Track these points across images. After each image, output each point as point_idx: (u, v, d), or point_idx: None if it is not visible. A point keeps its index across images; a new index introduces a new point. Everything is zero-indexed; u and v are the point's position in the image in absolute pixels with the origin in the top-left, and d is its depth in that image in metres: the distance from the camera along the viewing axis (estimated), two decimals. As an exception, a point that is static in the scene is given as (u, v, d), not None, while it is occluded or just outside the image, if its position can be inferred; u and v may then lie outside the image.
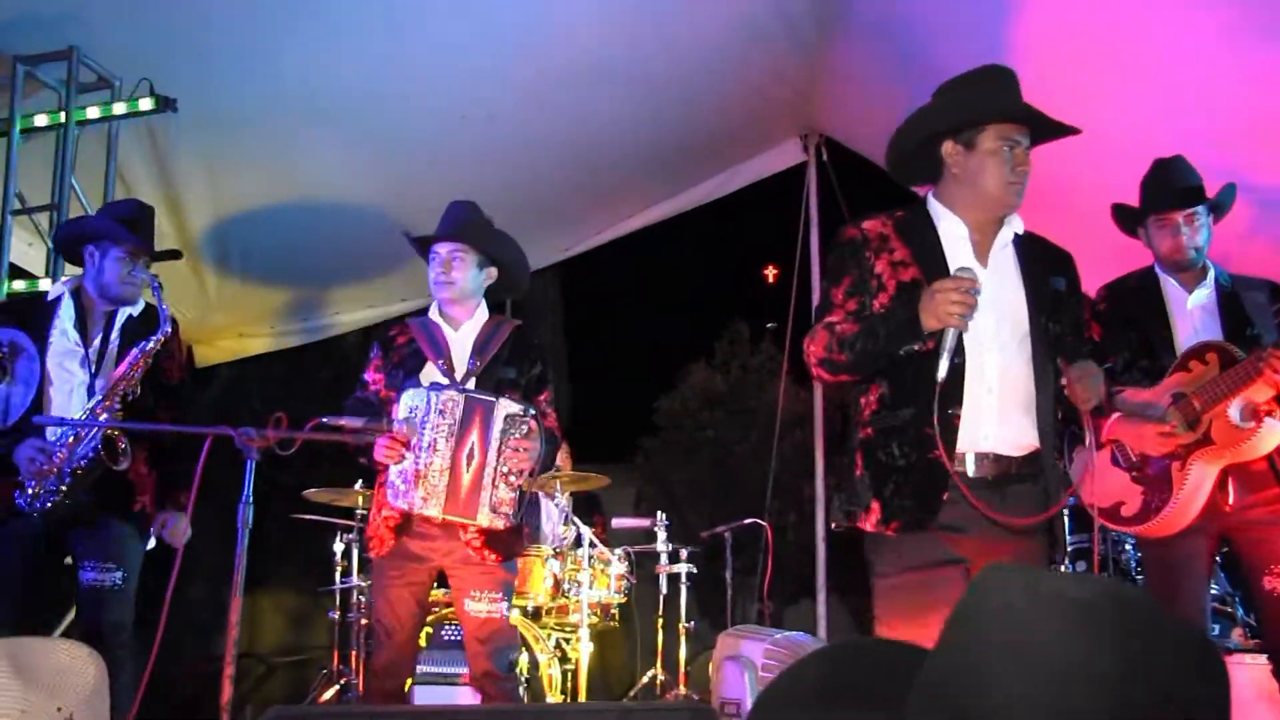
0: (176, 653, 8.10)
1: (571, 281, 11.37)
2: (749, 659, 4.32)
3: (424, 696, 4.88)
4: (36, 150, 5.16)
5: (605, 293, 12.28)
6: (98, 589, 3.76)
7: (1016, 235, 2.92)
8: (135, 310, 3.97)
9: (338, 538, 6.00)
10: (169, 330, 3.87)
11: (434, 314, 3.77)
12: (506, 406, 3.48)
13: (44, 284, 5.10)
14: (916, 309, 2.66)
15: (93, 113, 5.10)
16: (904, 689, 1.18)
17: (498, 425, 3.46)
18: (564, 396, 11.09)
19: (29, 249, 5.63)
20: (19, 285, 5.27)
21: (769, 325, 11.35)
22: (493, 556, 3.56)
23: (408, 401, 3.48)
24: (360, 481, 5.68)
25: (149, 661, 3.51)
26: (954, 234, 2.89)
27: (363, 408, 3.63)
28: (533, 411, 3.53)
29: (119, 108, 5.07)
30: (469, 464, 3.44)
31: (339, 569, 5.98)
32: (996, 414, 2.79)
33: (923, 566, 2.72)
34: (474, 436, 3.45)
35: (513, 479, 3.49)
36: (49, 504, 3.70)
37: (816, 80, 6.20)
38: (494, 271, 3.79)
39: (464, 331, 3.73)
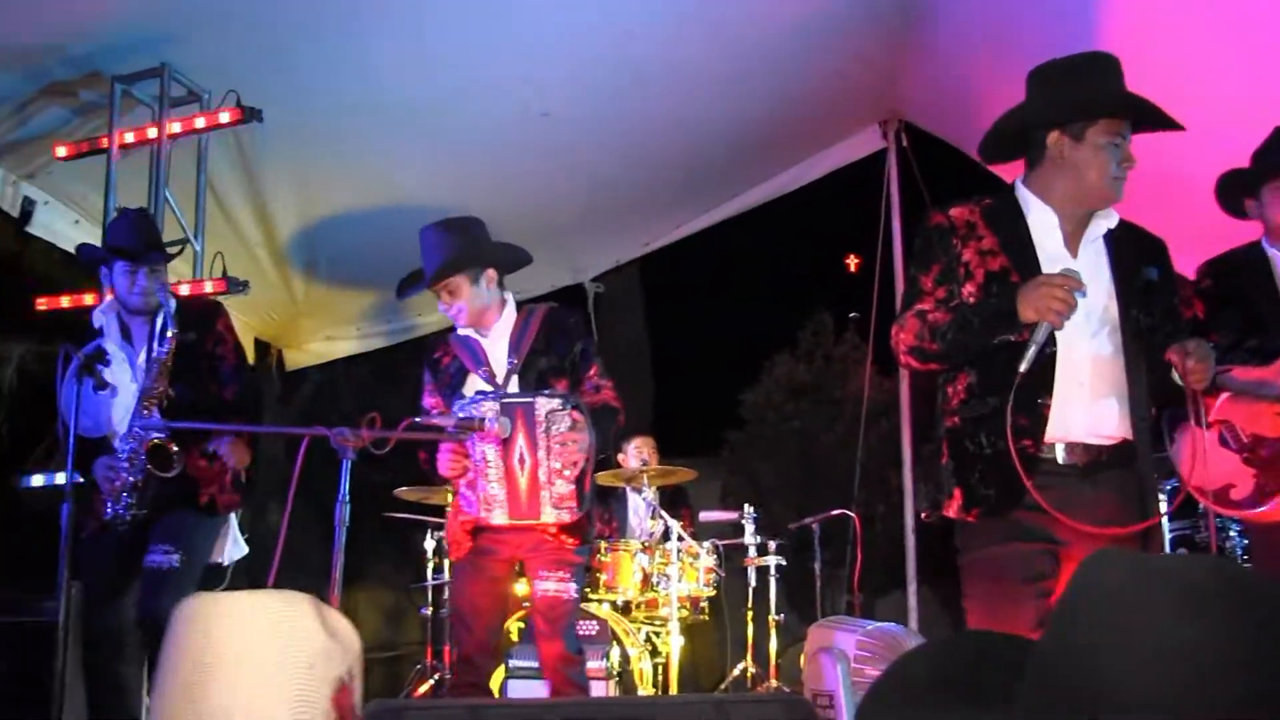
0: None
1: (653, 276, 11.38)
2: (841, 651, 4.29)
3: (517, 690, 4.93)
4: (132, 165, 5.32)
5: (687, 286, 12.24)
6: (157, 570, 3.88)
7: (1109, 228, 2.88)
8: (172, 311, 4.05)
9: (428, 535, 6.08)
10: (175, 331, 3.91)
11: (463, 328, 3.82)
12: (545, 404, 3.49)
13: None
14: (1014, 300, 2.65)
15: (183, 126, 5.23)
16: (1011, 681, 1.17)
17: (540, 424, 3.48)
18: (648, 391, 11.11)
19: (126, 260, 5.79)
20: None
21: (851, 315, 11.27)
22: (570, 541, 3.61)
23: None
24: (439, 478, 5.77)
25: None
26: (1044, 223, 2.86)
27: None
28: (573, 402, 3.53)
29: (207, 120, 5.19)
30: (522, 467, 3.48)
31: (430, 565, 6.06)
32: (1087, 404, 2.76)
33: (1004, 542, 2.74)
34: (520, 439, 3.48)
35: (567, 472, 3.50)
36: (128, 516, 3.89)
37: (896, 66, 6.12)
38: (492, 273, 3.78)
39: (496, 334, 3.76)
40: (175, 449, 3.86)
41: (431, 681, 5.85)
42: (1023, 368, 2.63)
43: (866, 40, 5.76)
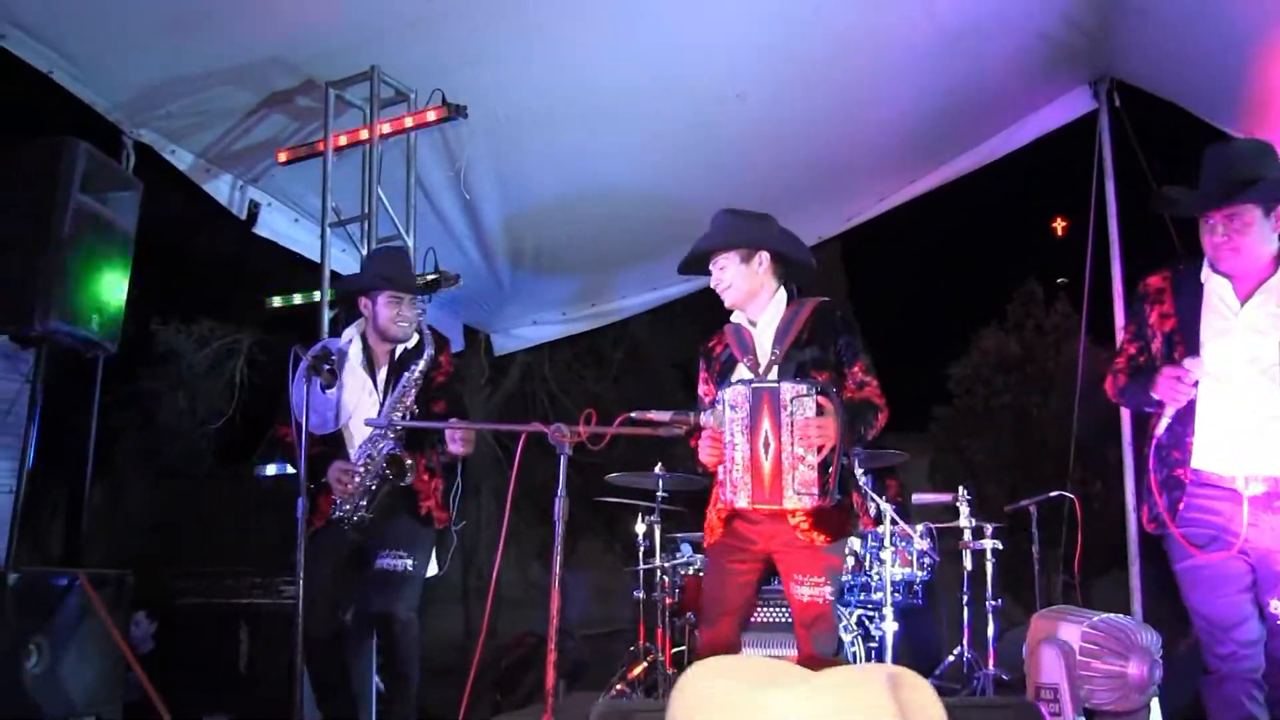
0: (490, 630, 8.55)
1: (854, 250, 11.17)
2: (1066, 642, 4.14)
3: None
4: (345, 165, 5.55)
5: (889, 259, 11.99)
6: (389, 572, 4.15)
7: None
8: (410, 344, 4.38)
9: (639, 518, 6.15)
10: (433, 353, 4.28)
11: (736, 316, 3.84)
12: (790, 389, 3.46)
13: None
14: (1151, 380, 3.40)
15: (393, 126, 5.42)
16: None
17: (785, 409, 3.45)
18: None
19: (342, 255, 6.07)
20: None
21: (1059, 281, 10.81)
22: (821, 538, 3.54)
23: (718, 405, 3.58)
24: (659, 465, 5.82)
25: (479, 644, 3.76)
26: (1219, 285, 3.45)
27: None
28: (818, 389, 3.47)
29: (415, 119, 5.37)
30: (766, 452, 3.46)
31: (642, 549, 6.13)
32: (1254, 439, 3.31)
33: (1181, 560, 3.48)
34: (766, 424, 3.47)
35: (810, 457, 3.44)
36: (355, 519, 4.17)
37: (1107, 24, 5.81)
38: (764, 256, 3.74)
39: (764, 324, 3.75)
40: (410, 460, 4.14)
41: (645, 664, 5.92)
42: (1158, 430, 3.44)
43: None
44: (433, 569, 4.49)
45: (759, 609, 5.07)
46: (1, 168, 4.54)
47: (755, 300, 3.76)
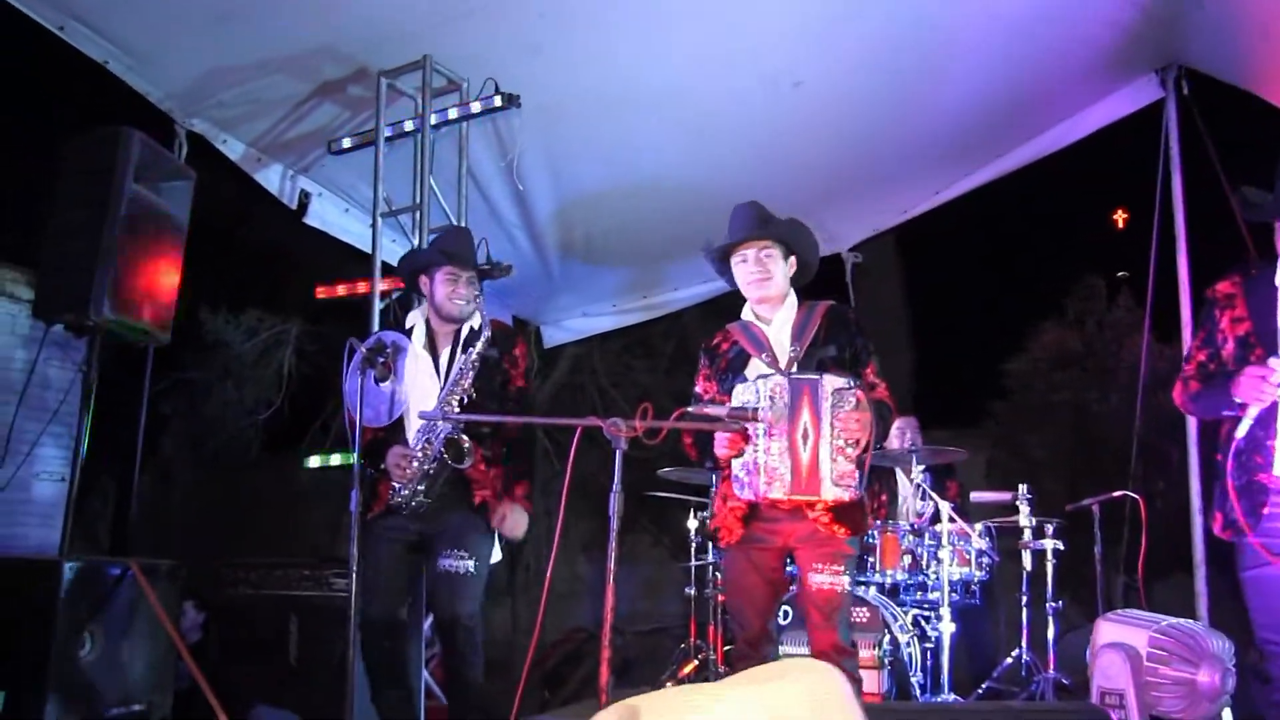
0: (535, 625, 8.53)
1: (911, 243, 11.02)
2: (1133, 647, 4.03)
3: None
4: (397, 155, 5.52)
5: (946, 252, 11.80)
6: (451, 575, 4.10)
7: None
8: (475, 324, 4.29)
9: (690, 514, 6.08)
10: (489, 334, 4.20)
11: (747, 314, 3.89)
12: (832, 382, 3.49)
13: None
14: (1230, 382, 3.36)
15: (445, 115, 5.38)
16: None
17: (826, 401, 3.47)
18: (907, 361, 10.79)
19: (393, 245, 6.05)
20: (384, 286, 5.68)
21: (1120, 274, 10.56)
22: (841, 531, 3.59)
23: (739, 397, 3.56)
24: (709, 461, 5.74)
25: (532, 641, 3.71)
26: None
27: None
28: (856, 384, 3.51)
29: (468, 108, 5.32)
30: (805, 443, 3.46)
31: (693, 546, 6.06)
32: None
33: (1260, 565, 3.36)
34: (805, 415, 3.47)
35: (849, 450, 3.47)
36: (413, 504, 4.13)
37: (1178, 6, 5.64)
38: (795, 261, 3.87)
39: (778, 323, 3.81)
40: (467, 444, 4.09)
41: (696, 662, 5.86)
42: (1238, 434, 3.35)
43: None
44: (497, 556, 4.45)
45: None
46: (57, 158, 4.55)
47: (776, 300, 3.84)
